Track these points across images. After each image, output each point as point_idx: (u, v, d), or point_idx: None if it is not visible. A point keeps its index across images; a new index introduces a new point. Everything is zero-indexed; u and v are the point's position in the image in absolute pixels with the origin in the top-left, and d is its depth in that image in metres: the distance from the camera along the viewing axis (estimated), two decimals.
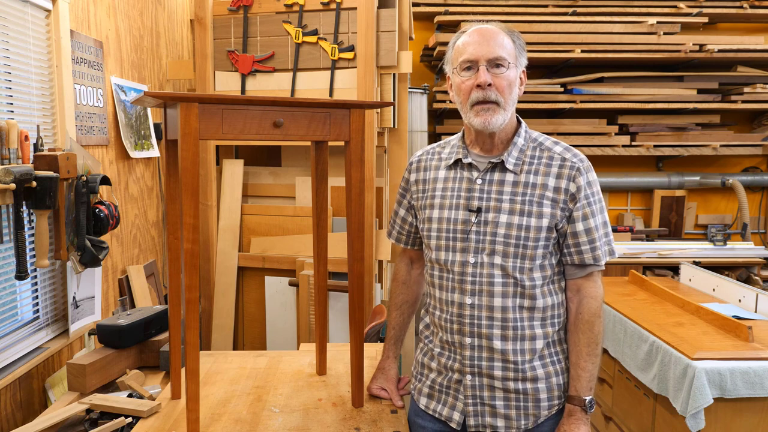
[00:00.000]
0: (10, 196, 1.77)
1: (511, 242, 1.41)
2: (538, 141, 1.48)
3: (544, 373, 1.45)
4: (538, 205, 1.41)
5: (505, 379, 1.44)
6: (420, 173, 1.58)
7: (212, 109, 1.33)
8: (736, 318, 2.39)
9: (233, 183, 3.17)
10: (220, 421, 1.49)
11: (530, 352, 1.44)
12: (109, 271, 2.53)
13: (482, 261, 1.43)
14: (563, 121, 4.48)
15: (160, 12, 3.12)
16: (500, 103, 1.40)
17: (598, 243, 1.44)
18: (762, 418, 2.04)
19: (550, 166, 1.43)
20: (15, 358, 1.93)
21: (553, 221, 1.41)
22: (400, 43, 3.03)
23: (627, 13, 4.41)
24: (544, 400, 1.45)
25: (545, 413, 1.46)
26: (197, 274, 1.34)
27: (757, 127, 4.73)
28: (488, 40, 1.41)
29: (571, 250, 1.45)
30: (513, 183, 1.43)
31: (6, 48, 1.93)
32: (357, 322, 1.57)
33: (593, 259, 1.44)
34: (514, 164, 1.44)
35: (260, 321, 3.18)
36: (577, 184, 1.42)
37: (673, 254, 4.08)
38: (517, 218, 1.41)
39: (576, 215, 1.42)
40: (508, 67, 1.40)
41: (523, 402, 1.45)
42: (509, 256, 1.41)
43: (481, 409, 1.46)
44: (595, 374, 1.45)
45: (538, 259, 1.42)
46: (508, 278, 1.42)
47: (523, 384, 1.44)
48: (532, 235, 1.40)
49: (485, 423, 1.46)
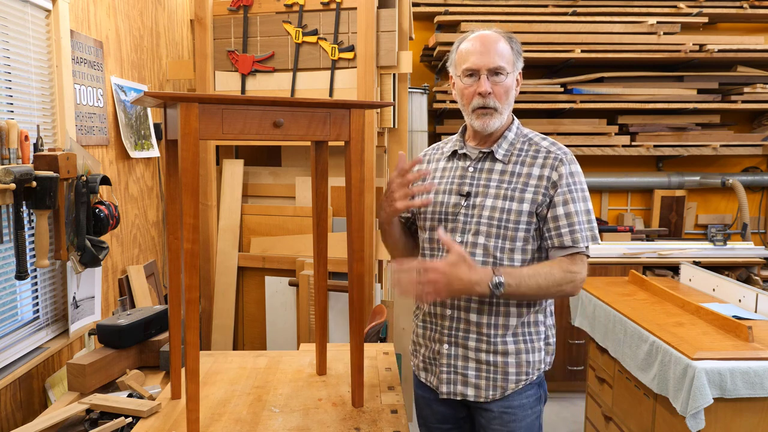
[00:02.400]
0: (10, 196, 1.77)
1: (494, 224, 1.54)
2: (528, 137, 1.63)
3: (515, 348, 1.58)
4: (521, 192, 1.55)
5: (478, 350, 1.58)
6: (424, 165, 1.76)
7: (212, 109, 1.33)
8: (736, 318, 2.39)
9: (233, 183, 3.17)
10: (220, 421, 1.49)
11: (503, 327, 1.57)
12: (109, 271, 2.53)
13: (467, 240, 1.57)
14: (563, 121, 4.48)
15: (160, 12, 3.12)
16: (498, 109, 1.57)
17: (578, 227, 1.53)
18: (762, 418, 2.04)
19: (536, 157, 1.58)
20: (15, 358, 1.93)
21: (533, 206, 1.53)
22: (400, 43, 3.03)
23: (627, 13, 4.41)
24: (512, 374, 1.58)
25: (512, 386, 1.59)
26: (197, 274, 1.34)
27: (757, 127, 4.72)
28: (489, 50, 1.55)
29: (552, 233, 1.54)
30: (501, 171, 1.58)
31: (6, 48, 1.93)
32: (357, 322, 1.57)
33: (572, 241, 1.52)
34: (503, 155, 1.59)
35: (260, 321, 3.18)
36: (558, 173, 1.54)
37: (673, 254, 4.08)
38: (501, 202, 1.55)
39: (557, 200, 1.53)
40: (506, 75, 1.56)
41: (492, 374, 1.58)
42: (491, 236, 1.55)
43: (454, 377, 1.61)
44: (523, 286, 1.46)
45: (519, 241, 1.55)
46: (488, 257, 1.55)
47: (494, 356, 1.57)
48: (513, 217, 1.53)
49: (456, 391, 1.61)
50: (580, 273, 1.53)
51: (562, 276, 1.50)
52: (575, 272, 1.52)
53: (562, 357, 4.11)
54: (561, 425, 3.71)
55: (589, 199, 1.58)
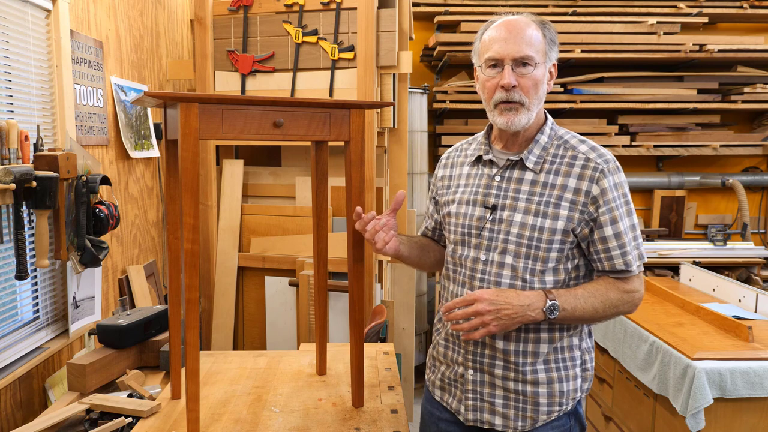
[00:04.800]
0: (10, 196, 1.77)
1: (523, 242, 1.37)
2: (563, 139, 1.44)
3: (547, 378, 1.41)
4: (554, 207, 1.36)
5: (505, 379, 1.42)
6: (447, 169, 1.59)
7: (212, 109, 1.33)
8: (736, 318, 2.39)
9: (233, 183, 3.17)
10: (220, 421, 1.49)
11: (533, 355, 1.40)
12: (109, 271, 2.53)
13: (493, 259, 1.41)
14: (563, 121, 4.48)
15: (160, 12, 3.12)
16: (525, 104, 1.38)
17: (628, 248, 1.37)
18: (762, 418, 2.04)
19: (572, 165, 1.38)
20: (15, 358, 1.93)
21: (569, 224, 1.36)
22: (400, 43, 3.03)
23: (627, 13, 4.41)
24: (544, 404, 1.42)
25: (543, 418, 1.42)
26: (197, 274, 1.34)
27: (757, 127, 4.72)
28: (515, 37, 1.35)
29: (601, 257, 1.38)
30: (531, 182, 1.40)
31: (6, 48, 1.93)
32: (357, 322, 1.57)
33: (624, 264, 1.37)
34: (534, 162, 1.41)
35: (260, 321, 3.18)
36: (600, 187, 1.36)
37: (673, 254, 4.08)
38: (532, 218, 1.37)
39: (603, 219, 1.36)
40: (535, 66, 1.37)
41: (522, 404, 1.42)
42: (521, 256, 1.38)
43: (480, 404, 1.45)
44: (579, 309, 1.35)
45: (551, 262, 1.38)
46: (516, 279, 1.39)
47: (523, 386, 1.41)
48: (546, 236, 1.36)
49: (483, 419, 1.45)
50: (638, 292, 1.41)
51: (620, 297, 1.38)
52: (633, 291, 1.40)
53: None
54: None
55: (634, 212, 1.41)
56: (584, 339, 1.48)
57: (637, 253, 1.39)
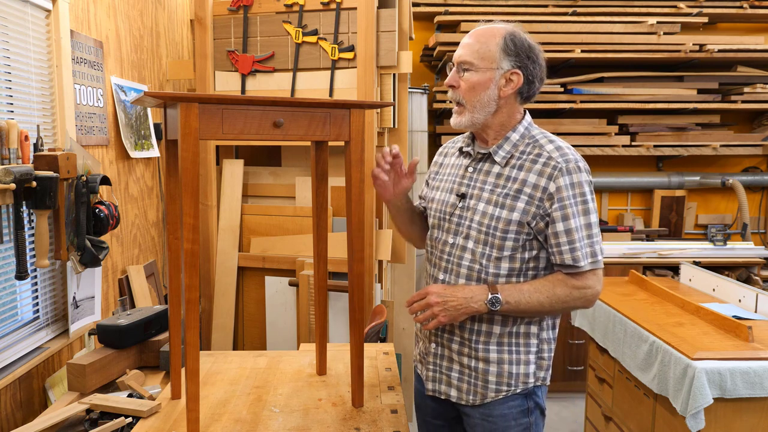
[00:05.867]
0: (10, 196, 1.77)
1: (482, 230, 1.51)
2: (534, 138, 1.53)
3: (497, 357, 1.54)
4: (513, 199, 1.48)
5: (460, 354, 1.57)
6: (440, 158, 1.75)
7: (212, 109, 1.33)
8: (736, 318, 2.39)
9: (233, 183, 3.17)
10: (220, 421, 1.49)
11: (485, 335, 1.53)
12: (109, 271, 2.53)
13: (458, 243, 1.56)
14: (563, 121, 4.48)
15: (160, 12, 3.12)
16: (464, 104, 1.52)
17: (578, 244, 1.45)
18: (762, 418, 2.04)
19: (535, 162, 1.48)
20: (15, 358, 1.93)
21: (524, 217, 1.46)
22: (400, 43, 3.03)
23: (627, 13, 4.41)
24: (492, 382, 1.54)
25: (492, 395, 1.55)
26: (197, 274, 1.34)
27: (757, 127, 4.72)
28: (468, 43, 1.52)
29: (554, 251, 1.48)
30: (497, 175, 1.53)
31: (6, 48, 1.93)
32: (357, 322, 1.57)
33: (572, 260, 1.46)
34: (501, 157, 1.53)
35: (260, 321, 3.18)
36: (556, 185, 1.44)
37: (673, 254, 4.09)
38: (492, 208, 1.50)
39: (555, 216, 1.45)
40: (476, 71, 1.49)
41: (473, 378, 1.56)
42: (479, 242, 1.51)
43: (439, 376, 1.63)
44: (523, 303, 1.45)
45: (507, 250, 1.49)
46: (474, 263, 1.52)
47: (475, 362, 1.55)
48: (501, 226, 1.48)
49: (441, 390, 1.63)
50: (590, 288, 1.47)
51: (567, 293, 1.46)
52: (583, 287, 1.47)
53: (562, 357, 4.11)
54: (561, 425, 3.71)
55: (591, 212, 1.46)
56: (545, 330, 1.57)
57: (589, 251, 1.47)
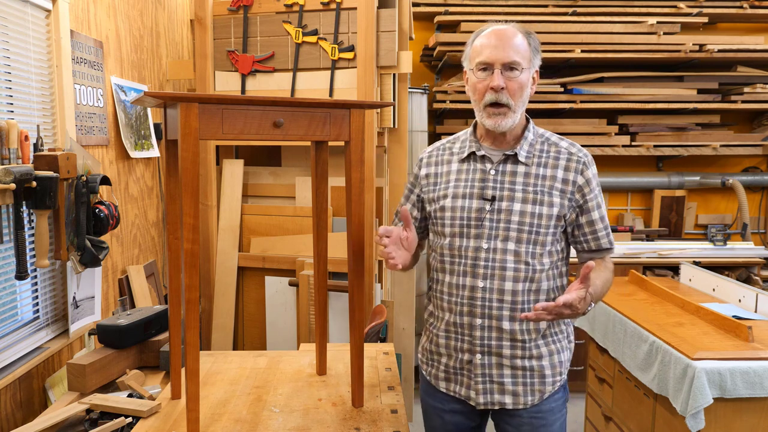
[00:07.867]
0: (10, 196, 1.77)
1: (524, 229, 1.52)
2: (545, 137, 1.61)
3: (548, 351, 1.58)
4: (548, 195, 1.53)
5: (514, 357, 1.55)
6: (431, 167, 1.67)
7: (212, 109, 1.33)
8: (736, 318, 2.39)
9: (233, 183, 3.17)
10: (220, 421, 1.49)
11: (535, 332, 1.56)
12: (109, 271, 2.53)
13: (495, 247, 1.53)
14: (563, 121, 4.48)
15: (160, 12, 3.12)
16: (511, 106, 1.51)
17: (609, 229, 1.61)
18: (762, 418, 2.04)
19: (558, 159, 1.56)
20: (15, 358, 1.93)
21: (561, 210, 1.54)
22: (400, 43, 3.03)
23: (627, 13, 4.41)
24: (549, 376, 1.58)
25: (549, 389, 1.58)
26: (197, 274, 1.34)
27: (757, 127, 4.72)
28: (504, 44, 1.49)
29: (588, 238, 1.59)
30: (525, 174, 1.55)
31: (6, 48, 1.93)
32: (357, 322, 1.57)
33: (609, 243, 1.60)
34: (525, 156, 1.56)
35: (260, 321, 3.18)
36: (585, 177, 1.55)
37: (673, 254, 4.08)
38: (530, 206, 1.52)
39: (591, 205, 1.56)
40: (521, 71, 1.50)
41: (530, 378, 1.57)
42: (522, 242, 1.52)
43: (490, 387, 1.58)
44: (596, 297, 1.51)
45: (548, 245, 1.54)
46: (520, 263, 1.53)
47: (530, 361, 1.56)
48: (544, 222, 1.52)
49: (494, 400, 1.58)
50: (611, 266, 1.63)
51: (609, 275, 1.59)
52: (612, 267, 1.62)
53: None
54: None
55: None
56: None
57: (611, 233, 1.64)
